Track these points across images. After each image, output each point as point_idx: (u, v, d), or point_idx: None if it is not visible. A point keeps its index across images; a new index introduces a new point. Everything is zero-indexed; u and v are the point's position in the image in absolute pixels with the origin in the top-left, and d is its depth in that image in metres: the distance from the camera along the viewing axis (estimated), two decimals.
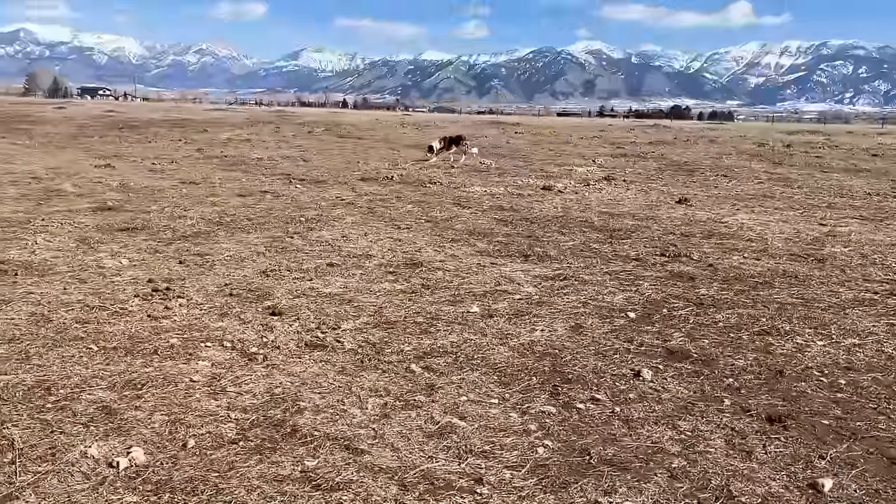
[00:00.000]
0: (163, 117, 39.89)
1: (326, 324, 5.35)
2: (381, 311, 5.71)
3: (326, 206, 11.08)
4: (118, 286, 6.23)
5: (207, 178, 13.91)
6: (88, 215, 9.62)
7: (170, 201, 11.01)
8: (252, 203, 11.11)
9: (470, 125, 36.22)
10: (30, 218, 9.24)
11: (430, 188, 13.41)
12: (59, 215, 9.53)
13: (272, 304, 5.80)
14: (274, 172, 15.32)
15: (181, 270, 6.85)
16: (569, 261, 7.70)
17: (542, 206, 11.61)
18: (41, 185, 12.30)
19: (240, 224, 9.32)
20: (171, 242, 8.10)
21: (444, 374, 4.45)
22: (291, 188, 12.90)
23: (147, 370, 4.40)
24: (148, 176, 14.18)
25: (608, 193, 13.10)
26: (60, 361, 4.48)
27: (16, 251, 7.37)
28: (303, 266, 7.12)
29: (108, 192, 11.77)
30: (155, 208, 10.35)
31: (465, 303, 6.01)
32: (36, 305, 5.59)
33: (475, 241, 8.63)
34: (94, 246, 7.78)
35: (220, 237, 8.47)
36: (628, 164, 18.54)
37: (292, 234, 8.72)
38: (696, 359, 4.80)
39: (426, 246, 8.27)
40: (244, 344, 4.90)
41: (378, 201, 11.66)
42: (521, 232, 9.33)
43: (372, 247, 8.12)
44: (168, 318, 5.39)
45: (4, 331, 4.97)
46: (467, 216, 10.48)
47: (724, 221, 10.36)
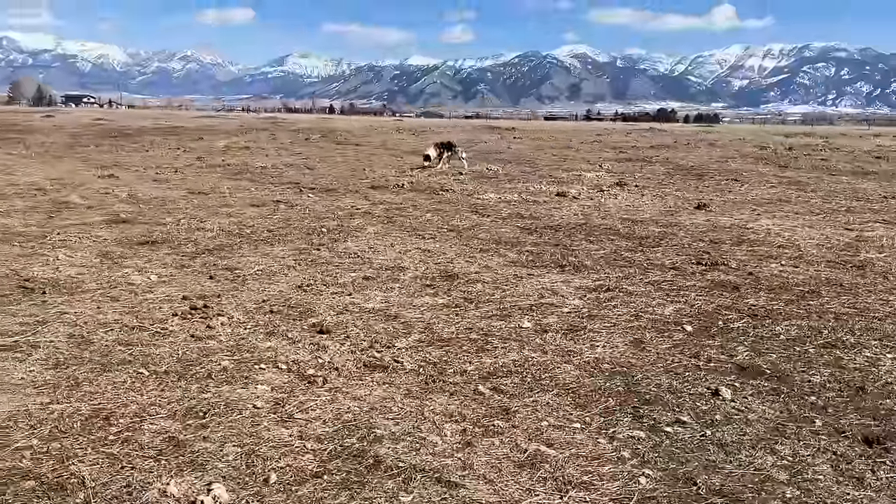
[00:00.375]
0: (154, 125, 39.46)
1: (379, 342, 5.15)
2: (432, 328, 5.52)
3: (344, 215, 10.87)
4: (153, 304, 6.01)
5: (216, 188, 13.66)
6: (104, 228, 9.37)
7: (184, 212, 10.77)
8: (268, 213, 10.89)
9: (469, 130, 36.10)
10: (44, 232, 8.98)
11: (443, 196, 13.23)
12: (74, 229, 9.27)
13: (317, 322, 5.59)
14: (281, 181, 15.09)
15: (214, 286, 6.63)
16: (605, 270, 7.54)
17: (562, 212, 11.46)
18: (48, 197, 12.01)
19: (261, 236, 9.10)
20: (196, 256, 7.87)
21: (516, 396, 4.27)
22: (304, 197, 12.68)
23: (205, 396, 4.19)
24: (154, 186, 13.92)
25: (624, 199, 12.96)
26: (113, 388, 4.27)
27: (39, 267, 7.13)
28: (338, 280, 6.92)
29: (119, 204, 11.51)
30: (170, 220, 10.11)
31: (515, 317, 5.83)
32: (73, 326, 5.36)
33: (505, 251, 8.46)
34: (118, 261, 7.55)
35: (245, 250, 8.25)
36: (636, 168, 18.43)
37: (318, 246, 8.51)
38: (770, 375, 4.65)
39: (456, 257, 8.09)
40: (300, 366, 4.70)
41: (395, 210, 11.47)
42: (547, 241, 9.16)
43: (402, 258, 7.93)
44: (213, 339, 5.18)
45: (48, 355, 4.75)
46: (489, 224, 10.31)
47: (750, 227, 10.24)
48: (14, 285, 6.47)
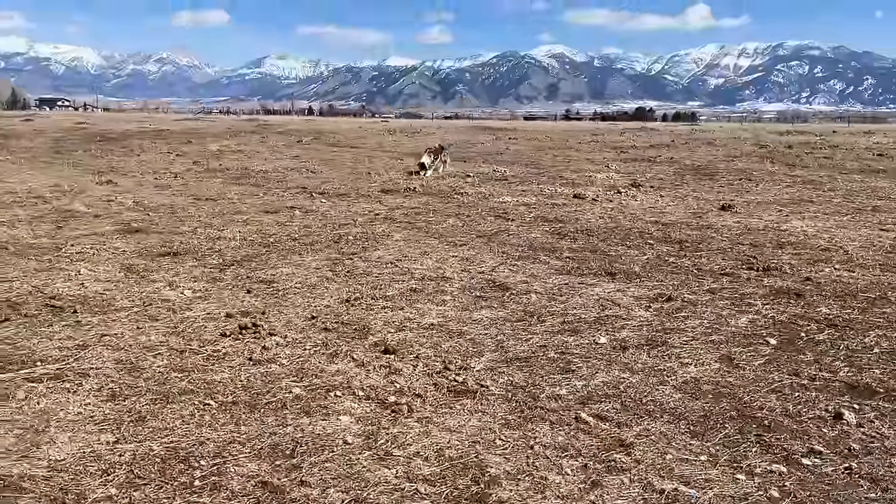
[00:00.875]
0: (139, 128, 38.70)
1: (453, 363, 4.78)
2: (503, 346, 5.16)
3: (364, 221, 10.47)
4: (196, 323, 5.59)
5: (223, 194, 13.20)
6: (118, 239, 8.90)
7: (197, 220, 10.32)
8: (285, 220, 10.46)
9: (462, 131, 35.75)
10: (57, 244, 8.50)
11: (458, 199, 12.87)
12: (88, 240, 8.79)
13: (379, 341, 5.21)
14: (288, 186, 14.64)
15: (255, 302, 6.22)
16: (658, 278, 7.23)
17: (586, 215, 11.14)
18: (51, 206, 11.48)
19: (286, 245, 8.68)
20: (225, 268, 7.45)
21: (625, 425, 3.92)
22: (317, 203, 12.25)
23: (286, 430, 3.80)
24: (157, 192, 13.42)
25: (644, 201, 12.68)
26: (181, 422, 3.87)
27: (62, 283, 6.67)
28: (385, 293, 6.53)
29: (127, 212, 11.02)
30: (185, 229, 9.66)
31: (585, 332, 5.48)
32: (117, 350, 4.94)
33: (545, 258, 8.11)
34: (144, 274, 7.10)
35: (274, 260, 7.84)
36: (644, 168, 18.19)
37: (349, 255, 8.11)
38: (885, 394, 4.34)
39: (497, 265, 7.73)
40: (377, 392, 4.32)
41: (414, 215, 11.09)
42: (583, 246, 8.84)
43: (442, 268, 7.56)
44: (273, 362, 4.78)
45: (100, 385, 4.33)
46: (516, 229, 9.96)
47: (784, 229, 9.98)
48: (41, 304, 6.02)
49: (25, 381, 4.38)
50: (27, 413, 3.94)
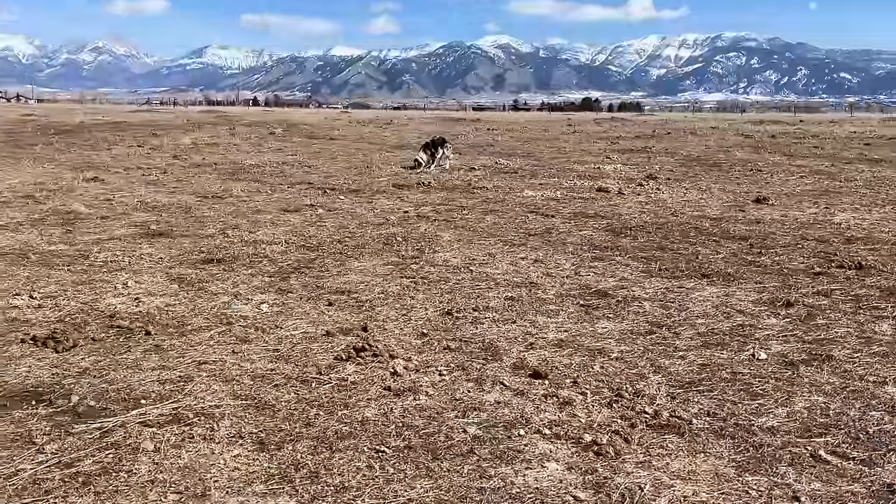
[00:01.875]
0: (92, 120, 36.91)
1: (623, 389, 4.21)
2: (660, 366, 4.61)
3: (398, 220, 9.80)
4: (297, 344, 4.90)
5: (228, 191, 12.33)
6: (145, 244, 8.05)
7: (219, 221, 9.50)
8: (314, 220, 9.71)
9: (435, 122, 35.04)
10: (80, 251, 7.62)
11: (480, 194, 12.28)
12: (112, 245, 7.92)
13: (517, 363, 4.62)
14: (291, 182, 13.82)
15: (346, 317, 5.54)
16: (753, 279, 6.79)
17: (624, 210, 10.68)
18: (45, 207, 10.47)
19: (334, 248, 7.97)
20: (285, 276, 6.72)
21: (875, 464, 3.41)
22: (336, 200, 11.51)
23: (496, 484, 3.18)
24: (155, 190, 12.46)
25: (673, 194, 12.29)
26: (363, 477, 3.21)
27: (113, 299, 5.87)
28: (484, 303, 5.91)
29: (135, 213, 10.11)
30: (212, 231, 8.85)
31: (733, 346, 4.97)
32: (227, 381, 4.24)
33: (619, 258, 7.60)
34: (200, 286, 6.33)
35: (332, 266, 7.13)
36: (644, 160, 17.87)
37: (412, 259, 7.46)
38: None
39: (575, 267, 7.19)
40: (564, 429, 3.72)
41: (446, 212, 10.46)
42: (647, 244, 8.35)
43: (522, 272, 6.97)
44: (417, 392, 4.14)
45: (237, 430, 3.63)
46: (562, 226, 9.43)
47: (837, 223, 9.70)
48: (103, 325, 5.23)
49: (143, 427, 3.66)
50: (172, 471, 3.23)
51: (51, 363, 4.52)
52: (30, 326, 5.19)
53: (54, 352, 4.71)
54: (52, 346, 4.78)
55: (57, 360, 4.58)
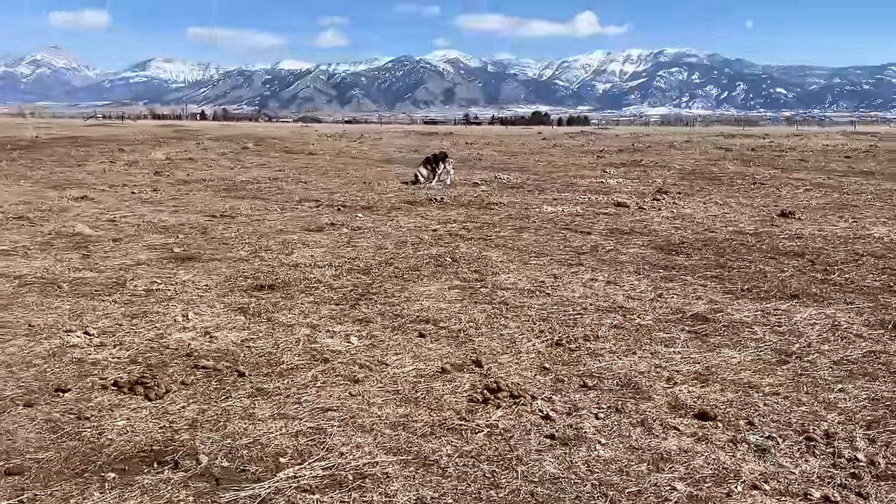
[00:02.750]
0: (47, 135, 35.44)
1: (811, 431, 3.83)
2: (828, 402, 4.24)
3: (431, 239, 9.33)
4: (416, 383, 4.40)
5: (235, 209, 11.68)
6: (178, 269, 7.41)
7: (245, 243, 8.88)
8: (344, 241, 9.16)
9: (409, 136, 34.56)
10: (111, 278, 6.95)
11: (499, 210, 11.88)
12: (142, 271, 7.27)
13: (672, 402, 4.20)
14: (294, 198, 13.20)
15: (449, 349, 5.05)
16: (842, 299, 6.51)
17: (659, 226, 10.39)
18: (45, 229, 9.68)
19: (386, 271, 7.45)
20: (353, 303, 6.19)
21: None
22: (353, 218, 10.96)
23: None
24: (155, 209, 11.73)
25: (694, 209, 12.08)
26: None
27: (181, 334, 5.27)
28: (593, 332, 5.48)
29: (149, 235, 9.41)
30: (243, 253, 8.24)
31: (883, 376, 4.66)
32: (367, 433, 3.73)
33: (688, 278, 7.26)
34: (267, 316, 5.77)
35: (395, 290, 6.63)
36: (642, 174, 17.74)
37: (476, 282, 7.00)
38: None
39: (651, 289, 6.82)
40: (781, 483, 3.31)
41: (476, 230, 10.03)
42: (704, 262, 8.05)
43: (602, 295, 6.57)
44: (588, 440, 3.69)
45: (417, 494, 3.12)
46: (604, 243, 9.07)
47: (879, 237, 9.58)
48: (186, 366, 4.65)
49: (305, 493, 3.13)
50: None
51: (150, 414, 3.93)
52: (102, 369, 4.57)
53: (146, 399, 4.12)
54: (141, 392, 4.18)
55: (155, 409, 3.99)
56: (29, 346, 4.97)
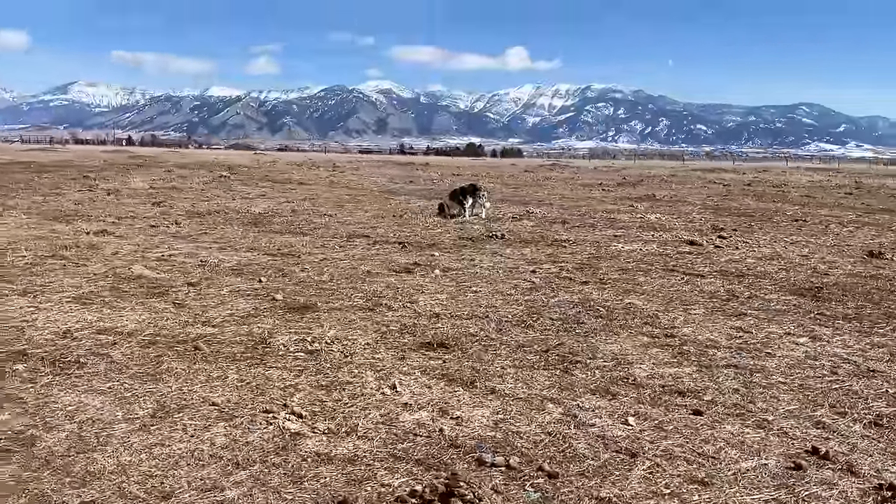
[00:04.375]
0: None
1: None
2: None
3: (543, 282, 8.42)
4: (756, 474, 3.50)
5: (288, 246, 10.54)
6: (302, 321, 6.30)
7: (348, 287, 7.81)
8: (450, 285, 8.15)
9: (388, 166, 33.53)
10: (246, 337, 5.81)
11: (575, 248, 11.05)
12: (266, 324, 6.13)
13: None
14: (338, 234, 12.09)
15: (752, 433, 4.17)
16: None
17: (766, 267, 9.72)
18: (93, 270, 8.37)
19: (547, 324, 6.51)
20: (563, 367, 5.24)
21: None
22: (430, 258, 9.96)
23: None
24: (198, 246, 10.48)
25: (772, 248, 11.53)
26: None
27: (414, 414, 4.24)
28: (868, 408, 4.69)
29: (224, 277, 8.21)
30: (361, 301, 7.17)
31: None
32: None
33: (881, 332, 6.60)
34: (483, 385, 4.76)
35: (581, 347, 5.70)
36: (672, 208, 17.28)
37: (669, 338, 6.14)
38: None
39: (833, 340, 6.12)
40: None
41: (577, 271, 9.18)
42: (859, 308, 7.41)
43: (790, 352, 5.82)
44: None
45: None
46: (731, 288, 8.35)
47: None
48: (467, 462, 3.62)
49: None
50: None
51: None
52: (373, 473, 3.50)
53: None
54: None
55: None
56: (238, 435, 3.86)
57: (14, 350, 5.21)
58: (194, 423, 4.01)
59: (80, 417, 4.07)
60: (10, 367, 4.86)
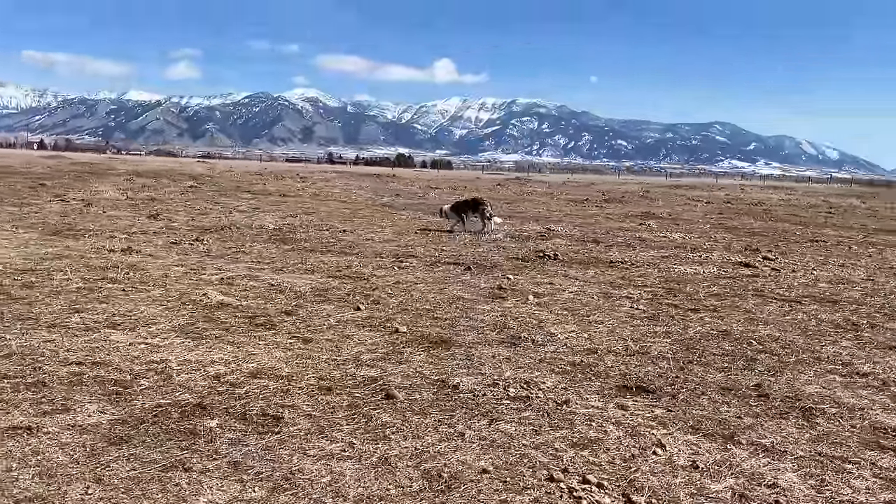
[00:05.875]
0: None
1: None
2: None
3: (652, 308, 7.99)
4: None
5: (348, 267, 9.77)
6: (441, 355, 5.64)
7: (448, 314, 7.15)
8: (559, 314, 7.61)
9: (352, 177, 32.54)
10: (428, 376, 5.10)
11: (639, 270, 10.67)
12: (414, 359, 5.44)
13: None
14: (382, 253, 11.36)
15: None
16: None
17: (843, 293, 9.56)
18: (160, 294, 7.44)
19: (686, 356, 6.05)
20: (765, 412, 4.77)
21: None
22: (502, 278, 9.38)
23: None
24: (250, 267, 9.59)
25: (829, 271, 11.39)
26: None
27: (673, 480, 3.66)
28: None
29: (314, 305, 7.42)
30: (495, 336, 6.53)
31: None
32: None
33: None
34: (745, 447, 4.24)
35: (785, 389, 5.26)
36: (678, 227, 17.19)
37: (857, 373, 5.77)
38: None
39: None
40: None
41: (670, 294, 8.79)
42: None
43: None
44: None
45: None
46: (839, 314, 8.11)
47: None
48: None
49: None
50: None
51: None
52: None
53: None
54: None
55: None
56: None
57: (188, 402, 4.38)
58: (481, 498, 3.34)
59: (353, 493, 3.34)
60: (201, 424, 4.04)
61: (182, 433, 3.97)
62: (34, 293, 7.32)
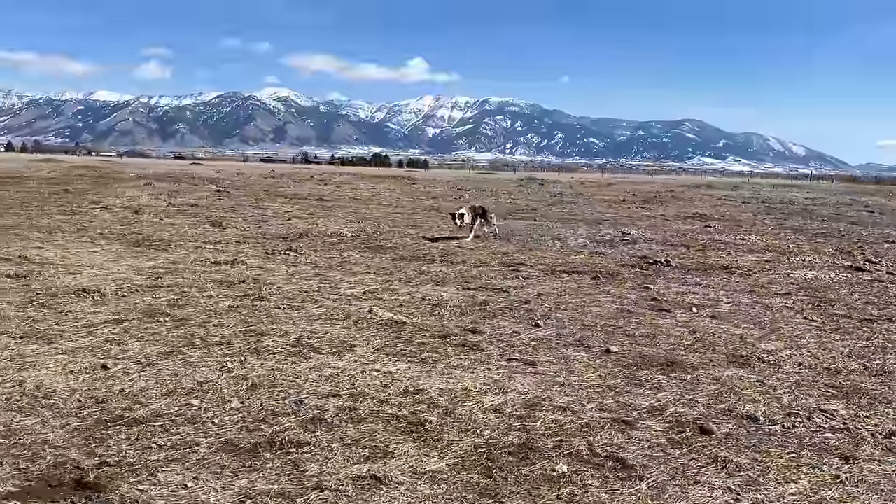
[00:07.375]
0: None
1: None
2: None
3: (809, 325, 7.70)
4: None
5: (475, 279, 9.34)
6: (687, 381, 5.28)
7: (637, 329, 6.78)
8: (748, 329, 7.29)
9: (354, 178, 31.96)
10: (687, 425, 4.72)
11: (759, 277, 10.39)
12: (661, 392, 5.06)
13: None
14: (486, 261, 10.95)
15: None
16: None
17: None
18: (318, 311, 6.97)
19: None
20: None
21: None
22: (649, 288, 9.04)
23: None
24: (377, 280, 9.15)
25: None
26: None
27: None
28: None
29: (495, 321, 7.01)
30: (723, 356, 6.18)
31: None
32: None
33: None
34: None
35: None
36: (743, 229, 16.98)
37: None
38: None
39: None
40: None
41: (818, 305, 8.51)
42: None
43: None
44: None
45: None
46: None
47: None
48: None
49: None
50: None
51: None
52: None
53: None
54: None
55: None
56: None
57: (510, 443, 3.95)
58: None
59: None
60: (549, 467, 3.62)
61: (539, 482, 3.55)
62: (192, 313, 6.82)
